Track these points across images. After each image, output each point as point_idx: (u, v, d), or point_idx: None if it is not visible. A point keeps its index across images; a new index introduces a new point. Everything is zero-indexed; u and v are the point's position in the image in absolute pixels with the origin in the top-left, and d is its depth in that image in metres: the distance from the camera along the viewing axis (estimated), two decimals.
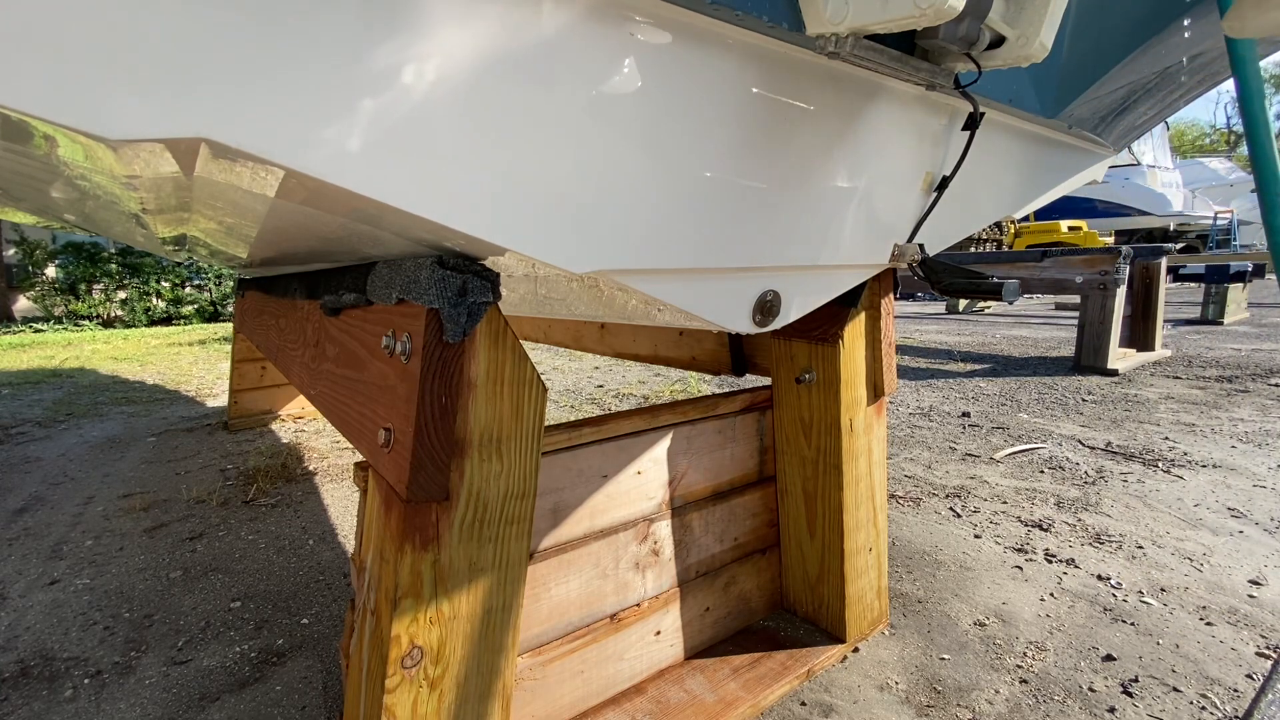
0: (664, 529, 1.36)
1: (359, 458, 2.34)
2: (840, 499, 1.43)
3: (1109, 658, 1.45)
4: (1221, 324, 7.41)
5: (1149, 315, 5.32)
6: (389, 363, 0.87)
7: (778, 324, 1.09)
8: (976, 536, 2.08)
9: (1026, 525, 2.16)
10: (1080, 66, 1.18)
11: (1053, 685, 1.36)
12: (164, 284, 10.21)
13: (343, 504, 2.45)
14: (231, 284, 10.35)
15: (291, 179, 0.58)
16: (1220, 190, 20.40)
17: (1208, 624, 1.57)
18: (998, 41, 0.85)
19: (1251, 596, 1.69)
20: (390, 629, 0.81)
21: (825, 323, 1.41)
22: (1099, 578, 1.80)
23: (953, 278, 1.16)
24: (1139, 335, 5.34)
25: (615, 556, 1.27)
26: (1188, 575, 1.81)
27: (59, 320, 9.58)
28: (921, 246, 1.19)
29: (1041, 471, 2.69)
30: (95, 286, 9.89)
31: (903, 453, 2.98)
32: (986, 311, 10.15)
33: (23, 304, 9.87)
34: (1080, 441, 3.07)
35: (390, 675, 0.81)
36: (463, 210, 0.65)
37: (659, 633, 1.36)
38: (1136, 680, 1.37)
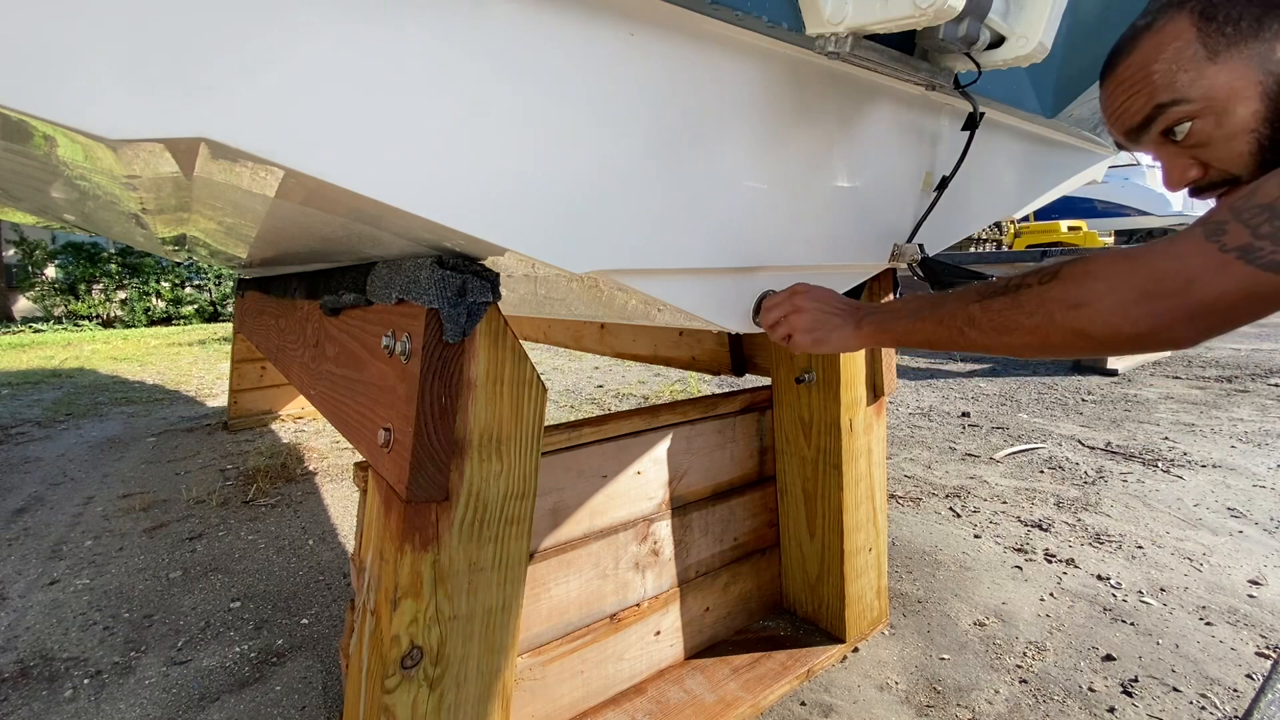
0: (664, 529, 1.36)
1: (359, 458, 2.34)
2: (840, 499, 1.43)
3: (1109, 658, 1.45)
4: None
5: None
6: (389, 363, 0.87)
7: None
8: (976, 536, 2.08)
9: (1026, 525, 2.16)
10: (1080, 66, 1.18)
11: (1052, 685, 1.36)
12: (164, 284, 10.19)
13: (343, 504, 2.45)
14: (231, 284, 10.34)
15: (291, 179, 0.58)
16: None
17: (1207, 624, 1.57)
18: (997, 41, 0.86)
19: (1251, 596, 1.69)
20: (390, 629, 0.81)
21: None
22: (1099, 578, 1.80)
23: (953, 278, 1.16)
24: None
25: (615, 556, 1.27)
26: (1187, 575, 1.81)
27: (59, 320, 9.57)
28: (921, 246, 1.19)
29: (1041, 471, 2.69)
30: (95, 286, 9.88)
31: (903, 453, 2.98)
32: None
33: (22, 304, 9.86)
34: (1080, 441, 3.07)
35: (390, 675, 0.81)
36: (463, 210, 0.65)
37: (659, 633, 1.36)
38: (1136, 680, 1.37)
